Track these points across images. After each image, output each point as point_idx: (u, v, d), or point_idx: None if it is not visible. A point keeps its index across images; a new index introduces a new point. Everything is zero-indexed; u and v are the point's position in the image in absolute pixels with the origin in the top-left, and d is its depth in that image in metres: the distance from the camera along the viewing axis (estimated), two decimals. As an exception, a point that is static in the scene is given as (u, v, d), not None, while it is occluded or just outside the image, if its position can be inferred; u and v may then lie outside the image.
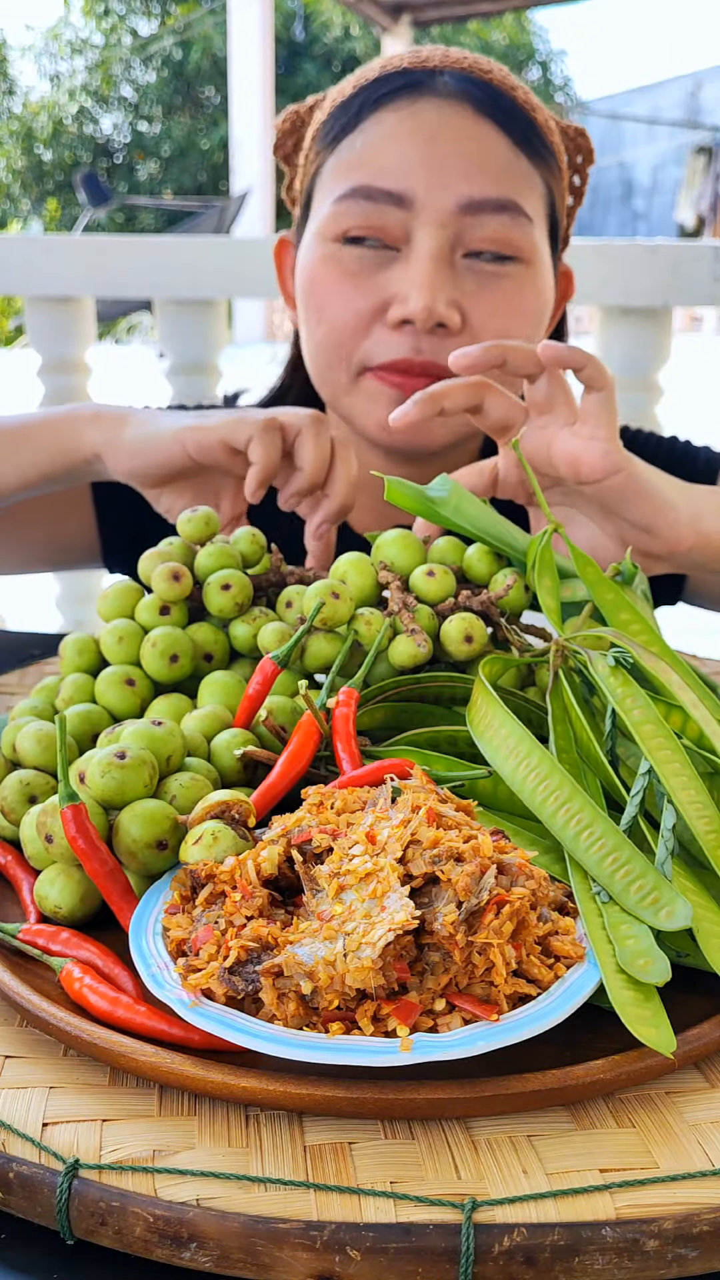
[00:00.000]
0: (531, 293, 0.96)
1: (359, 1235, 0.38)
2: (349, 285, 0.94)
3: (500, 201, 0.93)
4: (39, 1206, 0.41)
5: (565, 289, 1.08)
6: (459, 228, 0.93)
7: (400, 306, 0.92)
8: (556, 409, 0.77)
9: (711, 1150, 0.42)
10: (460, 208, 0.92)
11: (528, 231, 0.94)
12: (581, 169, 1.07)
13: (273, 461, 0.80)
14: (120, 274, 1.74)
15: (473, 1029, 0.44)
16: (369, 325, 0.95)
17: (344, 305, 0.95)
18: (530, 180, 0.96)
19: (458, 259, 0.94)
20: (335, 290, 0.95)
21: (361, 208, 0.93)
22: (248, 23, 11.22)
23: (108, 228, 16.63)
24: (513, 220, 0.93)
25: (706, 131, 18.67)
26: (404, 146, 0.93)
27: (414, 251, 0.93)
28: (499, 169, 0.94)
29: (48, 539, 1.11)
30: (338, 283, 0.95)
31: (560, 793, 0.53)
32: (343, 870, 0.47)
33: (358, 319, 0.94)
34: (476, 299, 0.94)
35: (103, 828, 0.55)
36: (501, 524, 0.72)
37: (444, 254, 0.93)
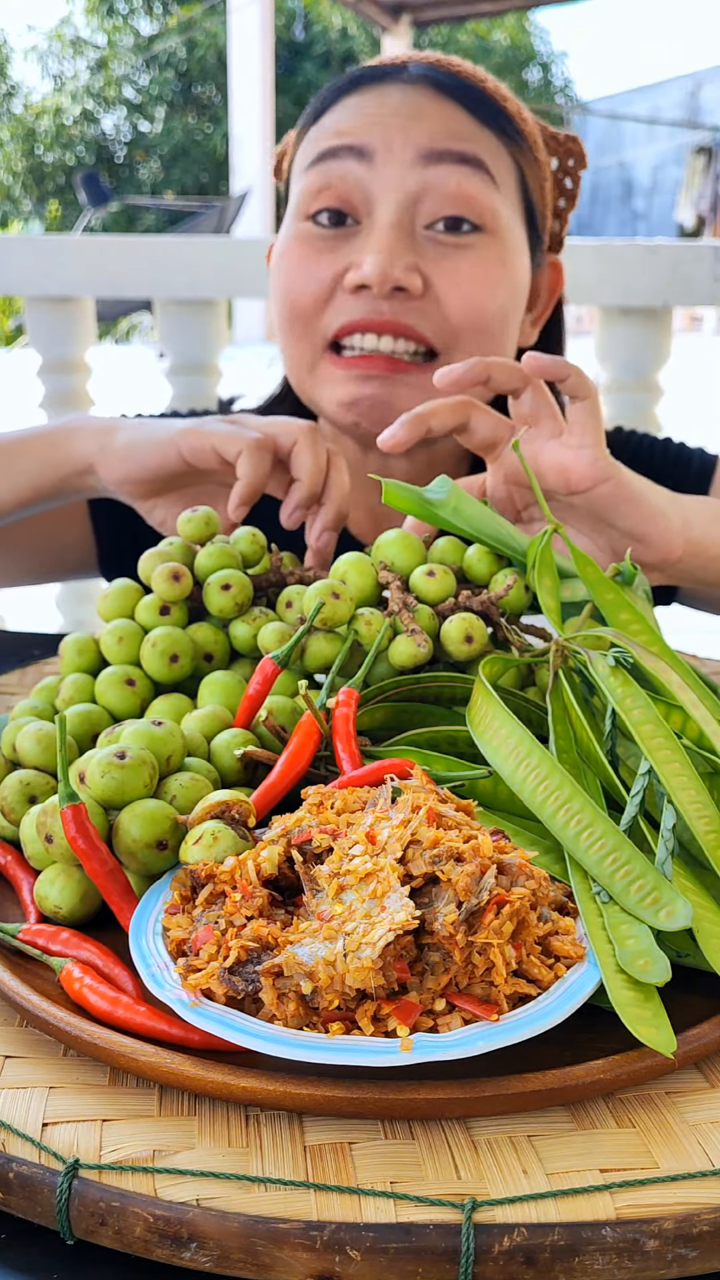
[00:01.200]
0: (496, 262, 0.95)
1: (359, 1235, 0.38)
2: (312, 258, 0.96)
3: (461, 153, 0.93)
4: (39, 1206, 0.41)
5: (555, 281, 1.08)
6: (419, 186, 0.93)
7: (356, 272, 0.93)
8: (542, 421, 0.77)
9: (711, 1150, 0.42)
10: (420, 157, 0.93)
11: (490, 192, 0.94)
12: (573, 172, 1.07)
13: (259, 479, 0.80)
14: (120, 274, 1.74)
15: (473, 1029, 0.44)
16: (330, 293, 0.95)
17: (307, 275, 0.96)
18: (496, 151, 0.96)
19: (418, 229, 0.94)
20: (300, 263, 0.96)
21: (325, 168, 0.94)
22: (248, 23, 11.22)
23: (108, 228, 16.63)
24: (475, 173, 0.93)
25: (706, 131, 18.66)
26: (367, 114, 0.95)
27: (375, 221, 0.94)
28: (461, 131, 0.94)
29: (45, 551, 1.11)
30: (303, 257, 0.96)
31: (560, 793, 0.53)
32: (343, 870, 0.47)
33: (319, 286, 0.95)
34: (438, 266, 0.94)
35: (103, 828, 0.55)
36: (501, 525, 0.72)
37: (403, 223, 0.93)
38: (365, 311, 0.93)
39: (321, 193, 0.95)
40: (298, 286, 0.96)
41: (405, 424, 0.76)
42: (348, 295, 0.94)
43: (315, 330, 0.97)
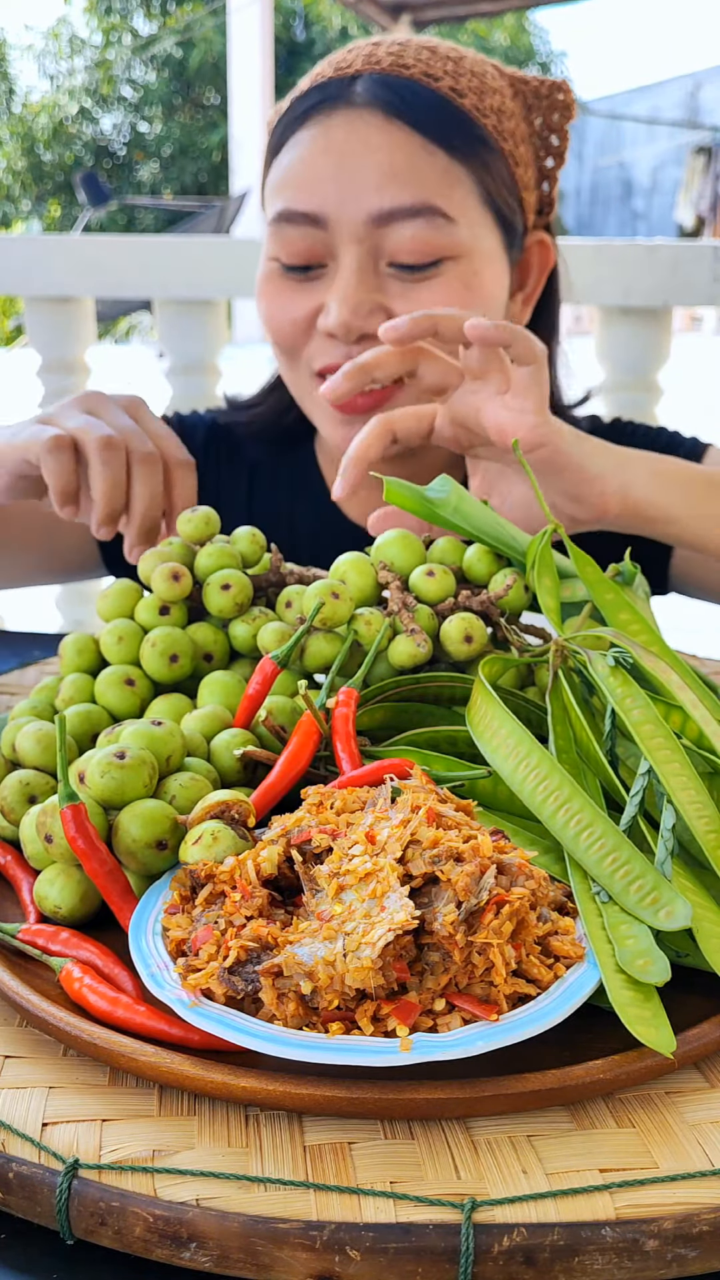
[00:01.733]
0: (462, 287, 0.96)
1: (359, 1235, 0.38)
2: (285, 299, 0.98)
3: (413, 208, 0.93)
4: (39, 1206, 0.41)
5: (544, 258, 1.07)
6: (375, 240, 0.94)
7: (324, 319, 0.95)
8: (489, 375, 0.79)
9: (711, 1150, 0.42)
10: (372, 220, 0.93)
11: (449, 232, 0.94)
12: (559, 126, 1.05)
13: (62, 482, 0.79)
14: (120, 274, 1.74)
15: (472, 1029, 0.44)
16: (307, 331, 0.98)
17: (282, 316, 0.98)
18: (450, 176, 0.95)
19: (382, 267, 0.95)
20: (275, 303, 0.99)
21: (285, 233, 0.96)
22: (248, 23, 11.21)
23: (108, 228, 16.63)
24: (429, 224, 0.93)
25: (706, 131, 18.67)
26: (316, 166, 0.95)
27: (340, 265, 0.95)
28: (411, 174, 0.93)
29: (46, 551, 1.11)
30: (276, 296, 0.98)
31: (560, 793, 0.53)
32: (342, 870, 0.47)
33: (295, 327, 0.98)
34: (404, 302, 0.95)
35: (102, 828, 0.55)
36: (501, 524, 0.72)
37: (365, 266, 0.94)
38: (339, 357, 0.95)
39: (284, 249, 0.96)
40: (276, 325, 0.99)
41: (348, 374, 0.77)
42: (322, 337, 0.96)
43: (301, 362, 1.00)
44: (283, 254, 0.96)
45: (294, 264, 0.96)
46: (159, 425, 0.85)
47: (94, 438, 0.79)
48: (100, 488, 0.78)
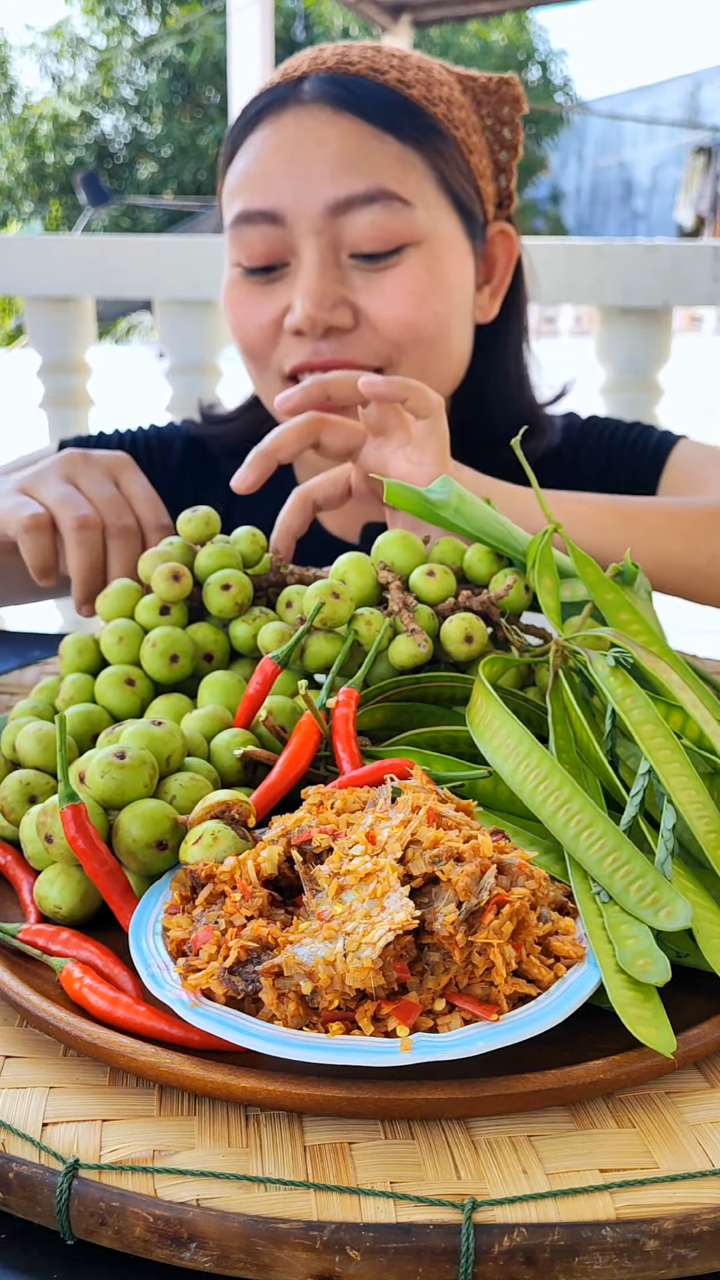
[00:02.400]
0: (424, 272, 0.96)
1: (359, 1235, 0.38)
2: (251, 304, 0.98)
3: (368, 194, 0.94)
4: (39, 1206, 0.41)
5: (509, 249, 1.08)
6: (334, 231, 0.94)
7: (290, 317, 0.95)
8: (390, 432, 0.80)
9: (711, 1150, 0.42)
10: (329, 210, 0.94)
11: (407, 216, 0.95)
12: (511, 119, 1.06)
13: (42, 562, 0.80)
14: (120, 274, 1.74)
15: (473, 1029, 0.44)
16: (274, 334, 0.98)
17: (249, 321, 0.99)
18: (404, 161, 0.95)
19: (343, 259, 0.96)
20: (240, 309, 0.99)
21: (245, 235, 0.96)
22: (248, 23, 11.21)
23: (108, 228, 16.62)
24: (385, 209, 0.94)
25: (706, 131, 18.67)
26: (269, 164, 0.95)
27: (301, 262, 0.95)
28: (362, 161, 0.94)
29: None
30: (242, 303, 0.99)
31: (560, 793, 0.53)
32: (343, 870, 0.47)
33: (262, 332, 0.98)
34: (366, 292, 0.95)
35: (103, 828, 0.55)
36: (502, 525, 0.72)
37: (326, 259, 0.95)
38: (307, 354, 0.96)
39: (244, 251, 0.97)
40: (244, 330, 0.99)
41: (252, 464, 0.77)
42: (290, 336, 0.97)
43: (270, 367, 1.00)
44: (244, 257, 0.97)
45: (256, 265, 0.97)
46: (140, 488, 0.85)
47: (69, 518, 0.79)
48: (76, 569, 0.79)
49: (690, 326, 13.89)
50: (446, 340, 0.99)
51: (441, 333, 0.98)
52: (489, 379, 1.09)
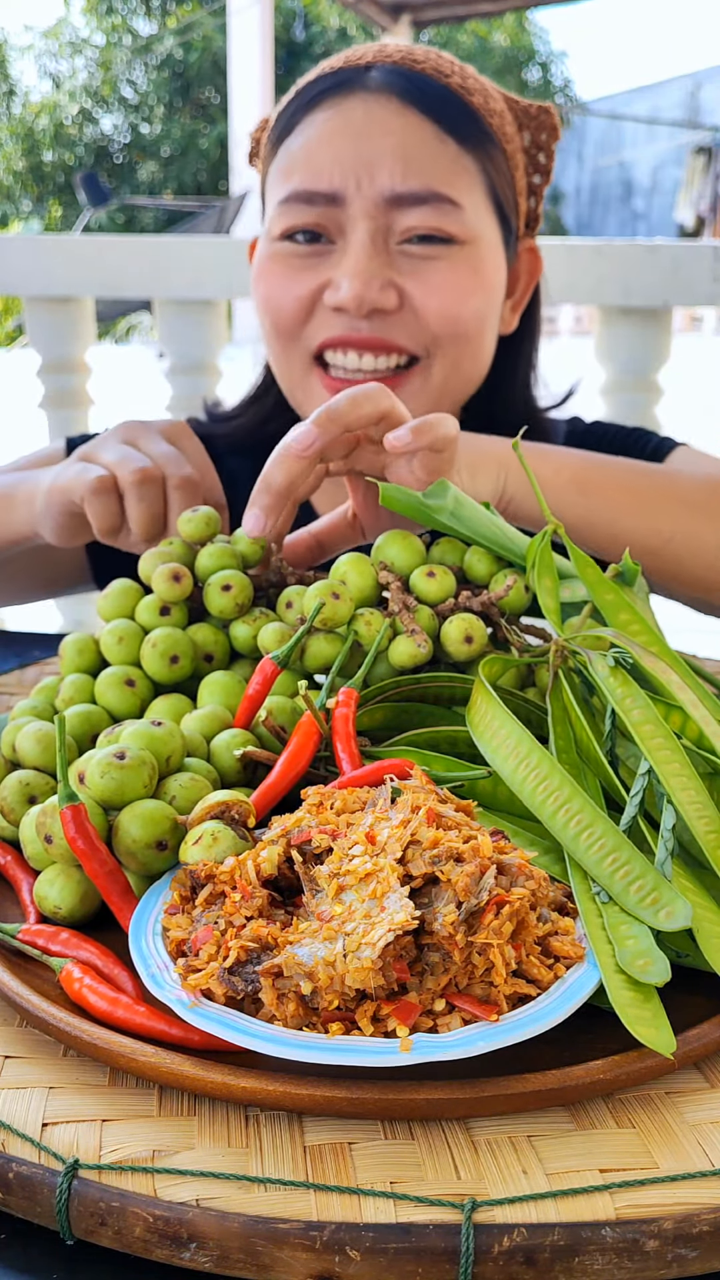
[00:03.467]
0: (469, 271, 0.97)
1: (359, 1235, 0.38)
2: (290, 275, 0.98)
3: (423, 195, 0.95)
4: (39, 1206, 0.41)
5: (533, 266, 1.09)
6: (388, 219, 0.95)
7: (334, 293, 0.95)
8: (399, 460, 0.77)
9: (711, 1150, 0.42)
10: (386, 202, 0.95)
11: (457, 218, 0.96)
12: (547, 146, 1.08)
13: (109, 524, 0.81)
14: (120, 274, 1.74)
15: (472, 1029, 0.44)
16: (310, 308, 0.97)
17: (286, 292, 0.98)
18: (459, 165, 0.97)
19: (392, 244, 0.96)
20: (279, 280, 0.98)
21: (299, 210, 0.96)
22: (248, 23, 11.21)
23: (108, 228, 16.62)
24: (436, 210, 0.95)
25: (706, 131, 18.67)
26: (333, 146, 0.96)
27: (349, 241, 0.95)
28: (424, 159, 0.95)
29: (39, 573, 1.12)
30: (282, 274, 0.98)
31: (560, 793, 0.53)
32: (342, 870, 0.47)
33: (299, 304, 0.97)
34: (413, 278, 0.96)
35: (102, 828, 0.55)
36: (499, 527, 0.72)
37: (377, 241, 0.95)
38: (345, 329, 0.96)
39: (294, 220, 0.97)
40: (278, 304, 0.98)
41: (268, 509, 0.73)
42: (328, 312, 0.96)
43: (300, 344, 0.99)
44: (292, 226, 0.97)
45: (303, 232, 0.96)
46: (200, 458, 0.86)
47: (129, 472, 0.80)
48: (137, 522, 0.80)
49: (690, 326, 13.89)
50: (480, 340, 1.00)
51: (478, 331, 0.99)
52: (499, 389, 1.10)
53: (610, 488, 0.86)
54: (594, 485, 0.86)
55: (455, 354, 0.98)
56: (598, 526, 0.85)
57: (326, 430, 0.70)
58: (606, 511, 0.85)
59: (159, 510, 0.81)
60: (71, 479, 0.82)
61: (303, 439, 0.70)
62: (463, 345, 0.98)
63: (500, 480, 0.82)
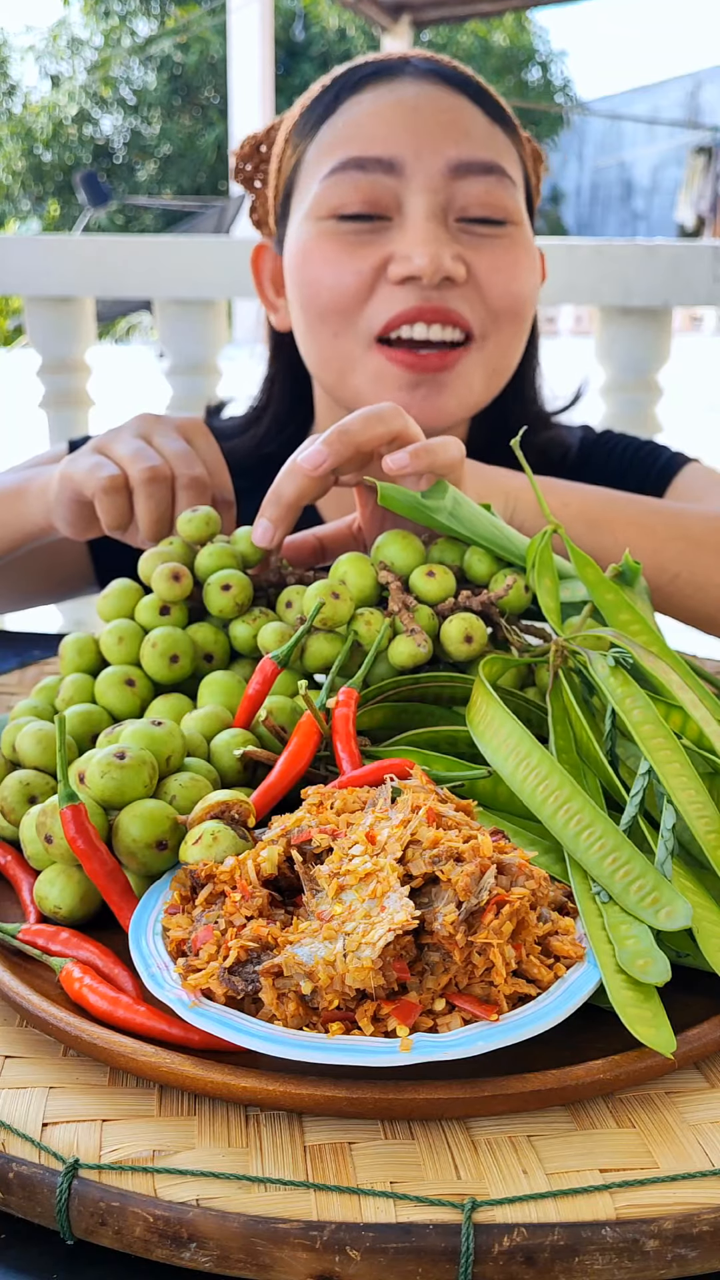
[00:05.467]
0: (524, 252, 0.98)
1: (359, 1235, 0.38)
2: (347, 253, 0.95)
3: (486, 164, 0.95)
4: (39, 1206, 0.41)
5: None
6: (449, 193, 0.95)
7: (403, 264, 0.93)
8: None
9: (711, 1150, 0.42)
10: (449, 170, 0.94)
11: (513, 194, 0.97)
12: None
13: (117, 521, 0.81)
14: (120, 274, 1.74)
15: (473, 1029, 0.44)
16: (372, 285, 0.95)
17: (344, 270, 0.95)
18: (507, 150, 0.99)
19: (451, 222, 0.96)
20: (333, 259, 0.95)
21: (353, 178, 0.94)
22: (247, 23, 11.21)
23: (108, 228, 16.63)
24: (499, 182, 0.96)
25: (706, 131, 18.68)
26: (388, 116, 0.95)
27: (408, 216, 0.94)
28: (481, 134, 0.97)
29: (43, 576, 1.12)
30: (336, 252, 0.95)
31: (560, 793, 0.53)
32: (343, 870, 0.47)
33: (359, 280, 0.94)
34: (477, 254, 0.96)
35: (103, 828, 0.55)
36: (498, 528, 0.72)
37: (438, 215, 0.95)
38: (416, 300, 0.93)
39: (347, 197, 0.95)
40: (333, 283, 0.95)
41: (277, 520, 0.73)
42: (392, 287, 0.94)
43: (357, 325, 0.96)
44: (346, 201, 0.94)
45: (358, 211, 0.94)
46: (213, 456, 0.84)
47: (139, 470, 0.79)
48: (145, 520, 0.79)
49: (690, 326, 13.90)
50: (528, 323, 1.01)
51: (528, 314, 1.00)
52: (510, 397, 1.10)
53: (619, 524, 0.86)
54: (603, 521, 0.86)
55: (509, 334, 0.98)
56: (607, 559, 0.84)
57: (337, 451, 0.69)
58: (615, 547, 0.85)
59: (167, 510, 0.80)
60: (84, 473, 0.82)
61: (313, 458, 0.69)
62: (517, 325, 0.98)
63: (509, 510, 0.82)
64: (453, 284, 0.94)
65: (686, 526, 0.88)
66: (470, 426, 1.09)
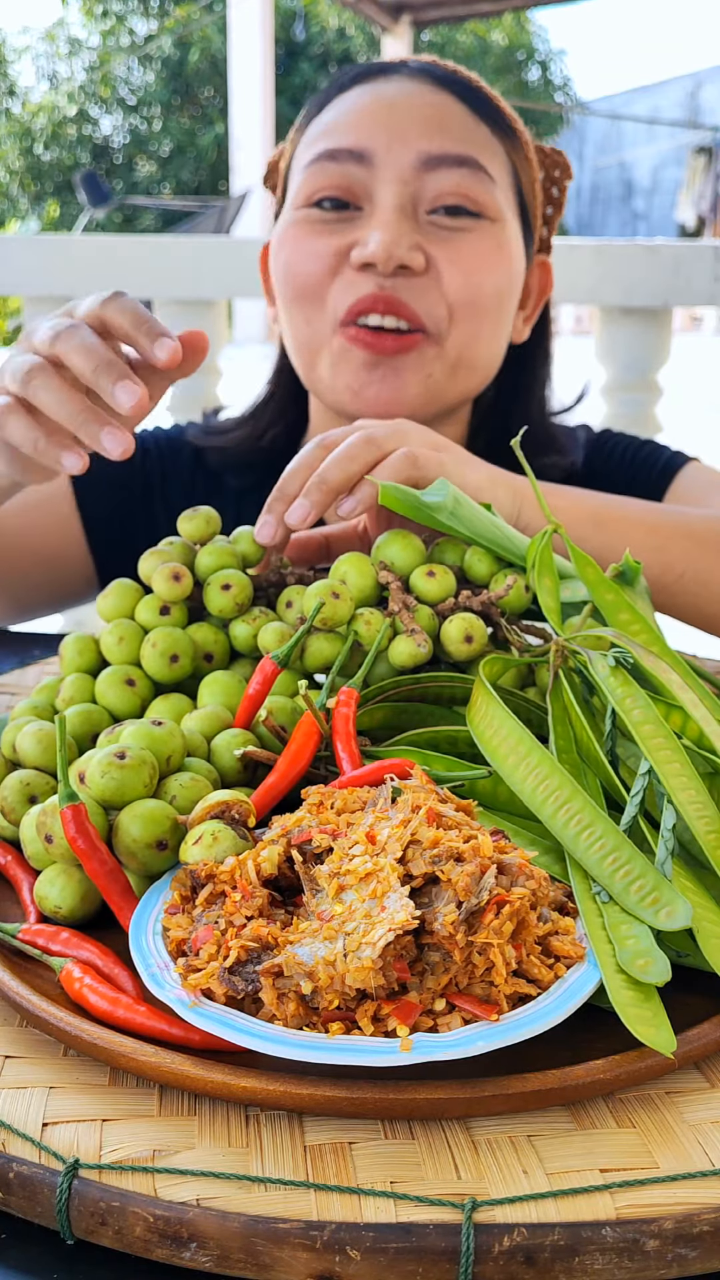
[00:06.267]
0: (494, 245, 0.97)
1: (359, 1235, 0.38)
2: (316, 238, 0.97)
3: (459, 156, 0.95)
4: (39, 1206, 0.41)
5: (544, 282, 1.09)
6: (419, 184, 0.95)
7: (361, 249, 0.94)
8: None
9: (711, 1150, 0.42)
10: (420, 163, 0.95)
11: (489, 188, 0.97)
12: (560, 182, 1.10)
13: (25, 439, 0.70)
14: (120, 274, 1.74)
15: (473, 1029, 0.44)
16: (336, 269, 0.97)
17: (310, 254, 0.97)
18: (491, 147, 0.98)
19: (421, 214, 0.96)
20: (303, 243, 0.98)
21: (325, 168, 0.96)
22: (247, 23, 11.22)
23: (107, 228, 16.63)
24: (472, 174, 0.96)
25: (706, 131, 18.68)
26: (365, 111, 0.97)
27: (377, 206, 0.96)
28: (459, 130, 0.97)
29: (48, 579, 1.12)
30: (306, 238, 0.98)
31: (560, 793, 0.53)
32: (343, 870, 0.47)
33: (323, 264, 0.97)
34: (440, 246, 0.96)
35: (103, 828, 0.55)
36: (499, 528, 0.72)
37: (406, 206, 0.95)
38: (372, 288, 0.95)
39: (322, 186, 0.97)
40: (301, 265, 0.98)
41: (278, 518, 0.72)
42: (354, 273, 0.96)
43: (324, 309, 0.97)
44: (318, 188, 0.97)
45: (330, 196, 0.96)
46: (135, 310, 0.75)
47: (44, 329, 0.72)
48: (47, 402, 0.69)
49: (690, 326, 13.91)
50: (497, 321, 1.00)
51: (496, 311, 0.99)
52: (513, 401, 1.10)
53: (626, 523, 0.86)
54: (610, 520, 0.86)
55: (470, 330, 0.97)
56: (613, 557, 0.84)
57: (317, 501, 0.70)
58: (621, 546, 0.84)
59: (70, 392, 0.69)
60: None
61: (296, 512, 0.69)
62: (479, 322, 0.97)
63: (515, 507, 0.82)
64: (410, 273, 0.95)
65: (692, 526, 0.88)
66: (471, 431, 1.10)
